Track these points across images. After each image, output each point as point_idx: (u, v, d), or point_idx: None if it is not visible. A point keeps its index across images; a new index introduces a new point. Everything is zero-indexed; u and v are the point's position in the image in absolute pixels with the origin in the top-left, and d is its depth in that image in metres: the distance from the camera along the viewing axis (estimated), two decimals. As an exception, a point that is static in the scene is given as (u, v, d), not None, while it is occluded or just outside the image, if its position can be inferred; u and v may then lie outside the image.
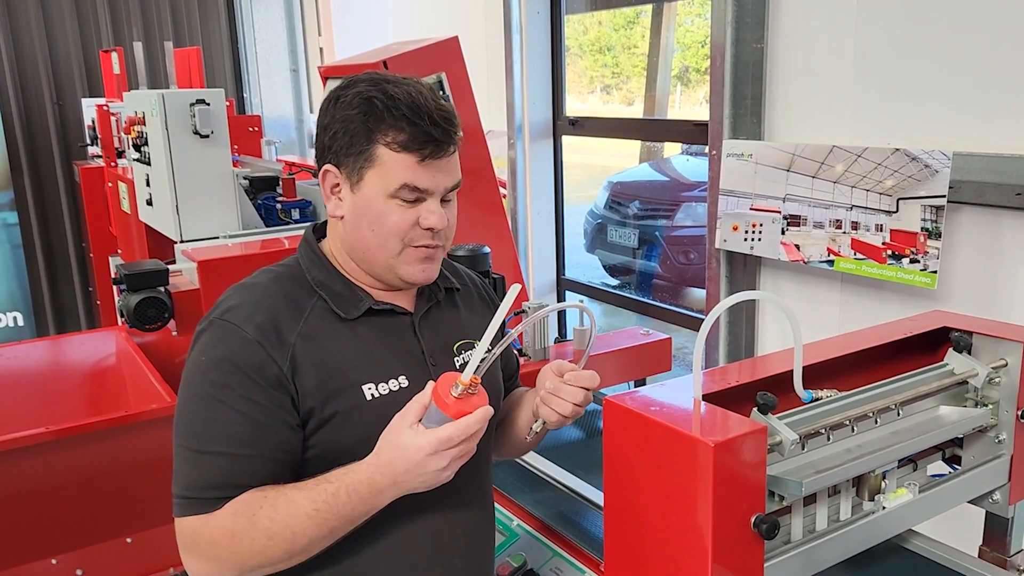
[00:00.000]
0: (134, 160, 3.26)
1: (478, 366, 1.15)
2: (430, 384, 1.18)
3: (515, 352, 1.69)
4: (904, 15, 2.29)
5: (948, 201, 2.21)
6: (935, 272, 2.25)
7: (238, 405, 1.19)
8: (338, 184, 1.28)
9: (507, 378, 1.56)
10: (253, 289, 1.28)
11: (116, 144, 4.20)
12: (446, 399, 1.15)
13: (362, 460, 1.18)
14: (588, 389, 1.33)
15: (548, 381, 1.33)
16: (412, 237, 1.27)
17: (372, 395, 1.26)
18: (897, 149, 2.30)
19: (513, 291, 1.17)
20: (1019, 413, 1.36)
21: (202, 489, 1.19)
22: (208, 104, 2.80)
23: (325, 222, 1.39)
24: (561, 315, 4.10)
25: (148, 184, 3.11)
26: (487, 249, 2.36)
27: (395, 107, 1.21)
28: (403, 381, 1.29)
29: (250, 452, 1.19)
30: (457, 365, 1.36)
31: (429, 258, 1.30)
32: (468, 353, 1.38)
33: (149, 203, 3.14)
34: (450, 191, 1.28)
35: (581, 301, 2.28)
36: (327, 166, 1.28)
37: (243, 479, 1.19)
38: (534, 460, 1.88)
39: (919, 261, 2.29)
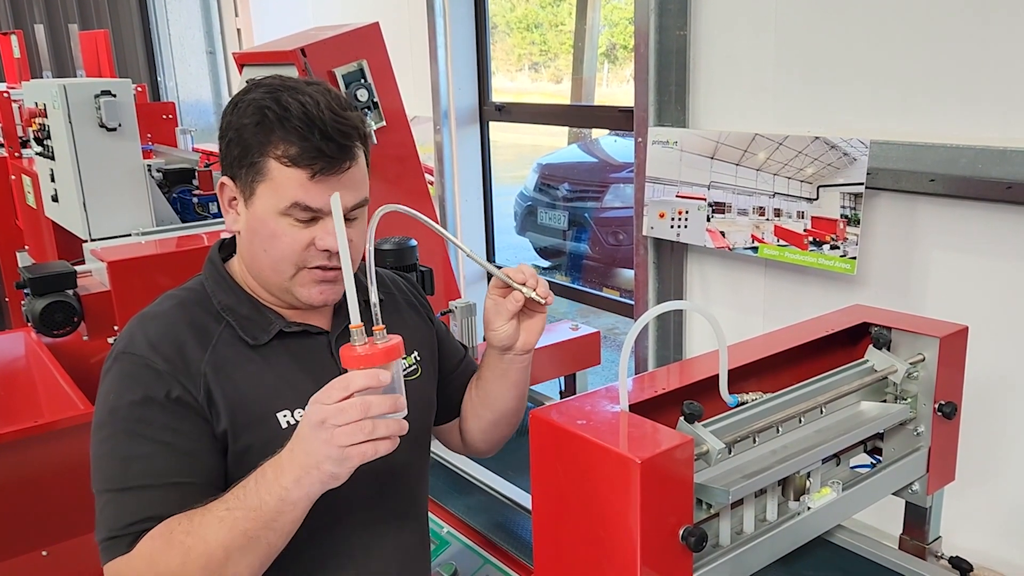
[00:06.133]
0: (37, 154, 3.09)
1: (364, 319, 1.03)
2: None
3: (458, 341, 1.59)
4: (823, 5, 2.31)
5: (866, 188, 2.25)
6: (854, 258, 2.30)
7: (160, 437, 1.13)
8: (235, 197, 1.21)
9: (455, 367, 1.48)
10: (156, 319, 1.21)
11: (20, 133, 3.98)
12: (350, 353, 1.03)
13: None
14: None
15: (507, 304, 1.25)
16: (306, 259, 1.18)
17: (288, 423, 1.19)
18: (817, 137, 2.34)
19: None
20: (936, 406, 1.39)
21: (124, 527, 1.10)
22: (115, 96, 2.67)
23: (232, 239, 1.31)
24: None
25: (53, 179, 2.95)
26: (414, 242, 2.31)
27: (287, 119, 1.13)
28: None
29: (178, 481, 1.12)
30: None
31: (328, 280, 1.21)
32: None
33: (55, 199, 2.99)
34: (352, 209, 1.19)
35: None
36: (223, 178, 1.21)
37: (170, 510, 1.10)
38: (464, 464, 1.85)
39: (839, 247, 2.33)
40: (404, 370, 1.33)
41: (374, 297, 1.07)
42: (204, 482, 1.13)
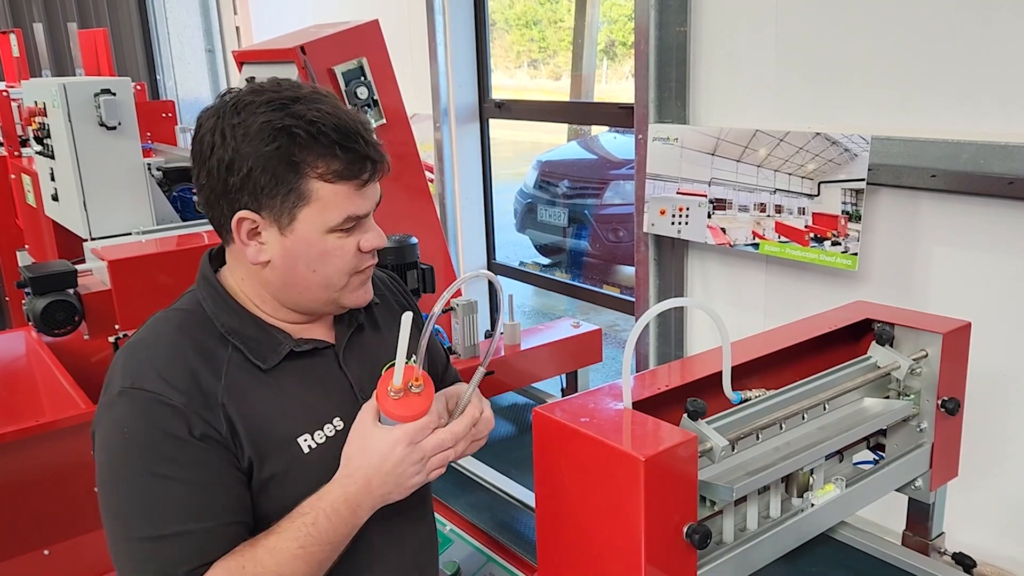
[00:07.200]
0: (37, 153, 3.09)
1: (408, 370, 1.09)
2: (374, 395, 1.13)
3: (443, 347, 1.60)
4: (824, 0, 2.31)
5: (867, 184, 2.25)
6: (856, 254, 2.29)
7: (189, 476, 1.06)
8: (256, 228, 1.13)
9: (438, 375, 1.47)
10: (159, 347, 1.13)
11: (20, 132, 3.97)
12: (384, 403, 1.09)
13: (331, 480, 1.11)
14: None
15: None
16: (356, 265, 1.17)
17: (309, 447, 1.16)
18: (818, 133, 2.33)
19: (407, 320, 1.09)
20: (939, 402, 1.39)
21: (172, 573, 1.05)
22: (114, 94, 2.66)
23: (220, 249, 1.24)
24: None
25: (53, 178, 2.95)
26: (415, 240, 2.31)
27: (321, 133, 1.08)
28: (338, 423, 1.19)
29: (218, 522, 1.07)
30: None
31: (368, 278, 1.22)
32: None
33: (55, 198, 2.98)
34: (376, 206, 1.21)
35: (510, 295, 2.25)
36: (243, 213, 1.11)
37: (214, 553, 1.06)
38: (465, 461, 1.85)
39: (840, 243, 2.33)
40: None
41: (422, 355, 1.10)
42: (241, 518, 1.10)
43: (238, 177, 1.09)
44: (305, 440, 1.16)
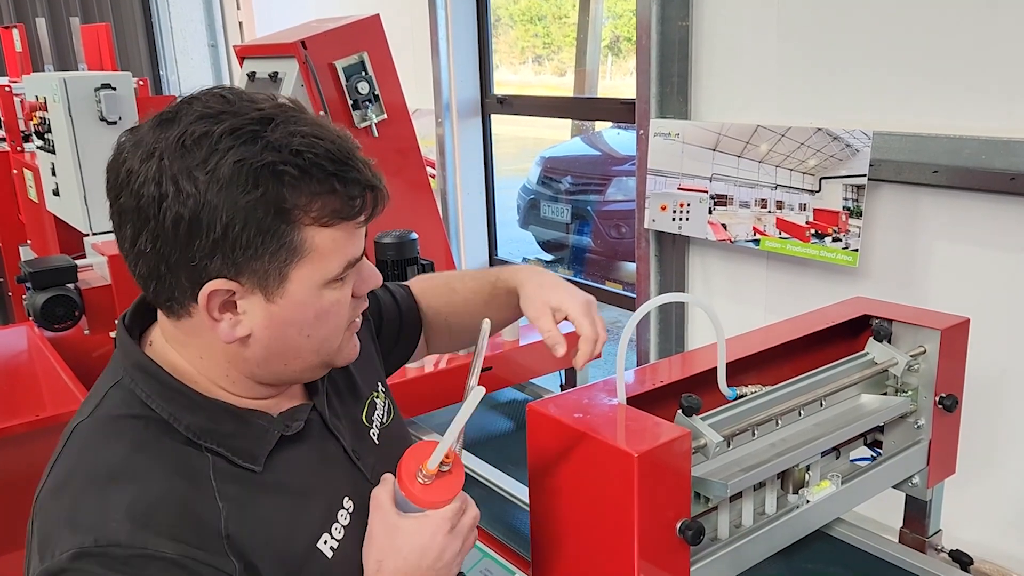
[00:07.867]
0: (38, 148, 3.10)
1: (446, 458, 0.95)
2: (387, 477, 0.99)
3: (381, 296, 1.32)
4: (825, -5, 2.30)
5: (868, 179, 2.24)
6: (856, 250, 2.29)
7: None
8: (232, 298, 0.88)
9: (396, 317, 1.31)
10: (119, 479, 0.84)
11: (21, 127, 3.98)
12: (412, 489, 0.94)
13: None
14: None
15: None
16: (351, 316, 0.98)
17: (331, 548, 0.96)
18: (819, 129, 2.32)
19: (477, 395, 0.95)
20: (937, 399, 1.38)
21: None
22: (115, 89, 2.67)
23: (136, 310, 0.98)
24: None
25: (54, 173, 2.96)
26: (415, 235, 2.31)
27: (313, 165, 0.84)
28: (348, 504, 1.00)
29: None
30: (374, 438, 1.11)
31: (357, 327, 1.02)
32: (376, 414, 1.15)
33: (56, 193, 2.99)
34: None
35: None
36: (217, 283, 0.85)
37: None
38: (462, 458, 1.85)
39: (841, 239, 2.32)
40: (382, 420, 1.17)
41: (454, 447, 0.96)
42: None
43: (208, 239, 0.83)
44: (326, 542, 0.96)
